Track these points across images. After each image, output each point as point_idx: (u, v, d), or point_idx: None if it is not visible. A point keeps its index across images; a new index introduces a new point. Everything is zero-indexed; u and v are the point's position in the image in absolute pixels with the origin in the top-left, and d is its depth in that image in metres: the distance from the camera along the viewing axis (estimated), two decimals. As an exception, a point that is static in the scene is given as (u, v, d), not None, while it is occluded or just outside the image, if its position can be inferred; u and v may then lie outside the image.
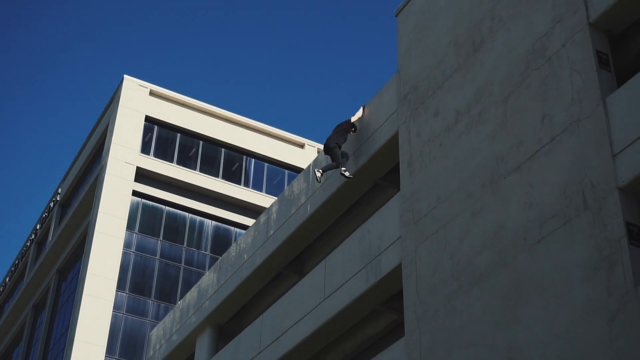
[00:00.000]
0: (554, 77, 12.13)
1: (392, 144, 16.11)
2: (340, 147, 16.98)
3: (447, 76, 14.71)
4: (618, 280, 10.03)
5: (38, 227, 64.68)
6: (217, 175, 54.32)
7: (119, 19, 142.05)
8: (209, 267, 40.28)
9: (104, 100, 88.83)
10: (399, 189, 15.61)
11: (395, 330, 15.76)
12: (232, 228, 53.93)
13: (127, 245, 50.84)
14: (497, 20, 13.82)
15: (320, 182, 17.10)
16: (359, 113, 17.50)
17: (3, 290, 72.93)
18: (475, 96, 13.74)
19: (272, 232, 20.12)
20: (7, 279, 72.17)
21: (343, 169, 16.60)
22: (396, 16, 17.20)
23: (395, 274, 14.61)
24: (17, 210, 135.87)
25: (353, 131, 17.43)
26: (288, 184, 22.54)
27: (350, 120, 17.46)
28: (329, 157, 17.14)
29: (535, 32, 12.83)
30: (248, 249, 21.16)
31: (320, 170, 16.88)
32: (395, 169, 16.33)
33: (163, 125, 54.14)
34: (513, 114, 12.73)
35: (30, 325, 62.12)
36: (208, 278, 23.14)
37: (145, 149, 52.95)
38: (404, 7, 16.94)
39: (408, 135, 15.32)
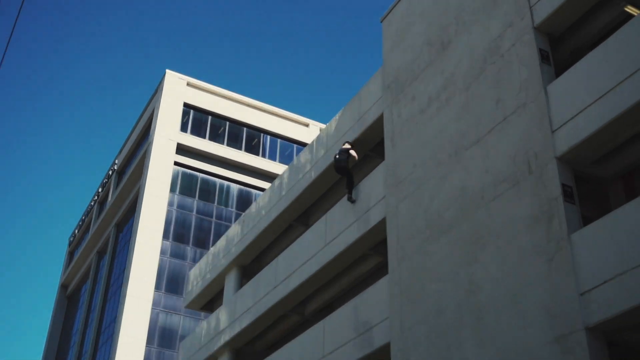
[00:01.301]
0: (506, 70, 12.11)
1: (378, 123, 16.10)
2: (348, 167, 16.19)
3: (421, 69, 14.67)
4: (555, 230, 10.08)
5: (100, 190, 64.79)
6: (240, 149, 54.38)
7: (161, 20, 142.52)
8: (234, 221, 40.36)
9: (150, 89, 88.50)
10: (383, 159, 15.62)
11: (381, 270, 15.83)
12: (252, 190, 54.07)
13: (170, 204, 50.98)
14: (461, 25, 13.77)
15: (353, 201, 16.11)
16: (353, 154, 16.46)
17: (73, 240, 73.24)
18: (444, 85, 13.71)
19: (283, 193, 20.16)
20: (75, 231, 72.43)
21: (349, 195, 16.16)
22: (381, 22, 17.12)
23: (381, 225, 14.66)
24: (82, 178, 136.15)
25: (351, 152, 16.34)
26: (296, 156, 22.51)
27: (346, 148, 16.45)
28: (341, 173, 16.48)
29: (491, 34, 12.78)
30: (265, 207, 21.21)
31: (351, 198, 16.15)
32: (381, 143, 16.33)
33: (198, 109, 54.19)
34: (473, 99, 12.72)
35: (95, 267, 62.44)
36: (234, 229, 23.20)
37: (183, 128, 52.98)
38: (387, 15, 16.87)
39: (391, 116, 15.31)
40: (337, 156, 16.31)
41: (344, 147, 16.39)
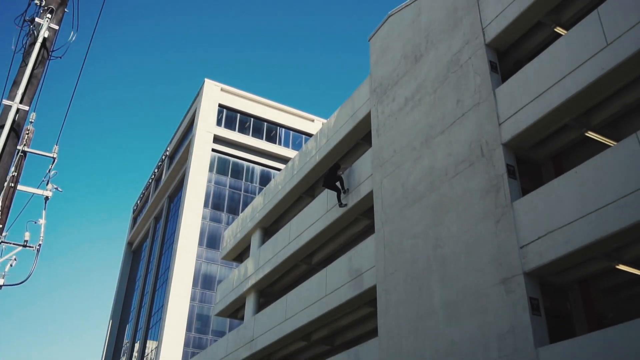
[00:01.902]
0: (464, 77, 12.05)
1: (367, 119, 16.06)
2: (337, 182, 15.43)
3: (399, 77, 14.59)
4: (501, 199, 10.09)
5: (155, 170, 64.85)
6: (262, 139, 54.30)
7: (199, 32, 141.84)
8: (258, 194, 40.46)
9: (192, 93, 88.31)
10: (371, 146, 15.60)
11: (369, 230, 15.89)
12: (271, 170, 54.11)
13: (209, 181, 51.03)
14: (430, 43, 13.67)
15: (343, 205, 15.40)
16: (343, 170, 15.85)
17: (136, 208, 73.44)
18: (417, 89, 13.65)
19: (295, 172, 20.17)
20: (137, 202, 72.61)
21: (339, 202, 15.40)
22: (369, 41, 16.98)
23: (369, 196, 14.69)
24: (143, 162, 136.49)
25: (340, 173, 15.68)
26: (304, 144, 22.48)
27: (337, 165, 15.79)
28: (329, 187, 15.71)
29: (452, 50, 12.70)
30: (281, 182, 21.23)
31: (341, 204, 15.42)
32: (369, 134, 16.30)
33: (229, 109, 54.08)
34: (439, 99, 12.67)
35: (153, 229, 62.66)
36: (257, 200, 23.26)
37: (219, 123, 52.89)
38: (373, 35, 16.72)
39: (377, 113, 15.26)
40: (327, 175, 15.58)
41: (333, 165, 15.70)
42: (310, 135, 55.30)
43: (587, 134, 10.17)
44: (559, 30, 11.15)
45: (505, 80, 11.36)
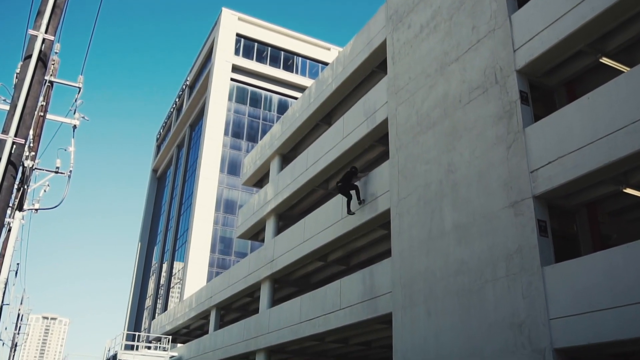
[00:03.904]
0: (480, 3, 11.69)
1: (382, 47, 15.76)
2: (351, 189, 14.58)
3: (415, 3, 14.18)
4: (513, 125, 10.04)
5: (176, 100, 64.77)
6: (279, 68, 53.64)
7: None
8: (276, 122, 40.39)
9: (211, 22, 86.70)
10: (386, 74, 15.39)
11: (383, 156, 15.94)
12: (288, 99, 53.77)
13: (228, 109, 50.96)
14: (446, -32, 13.17)
15: (355, 210, 14.74)
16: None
17: (159, 136, 73.91)
18: (432, 16, 13.30)
19: (312, 100, 20.06)
20: (160, 130, 72.97)
21: (348, 210, 14.65)
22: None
23: (384, 123, 14.65)
24: (162, 92, 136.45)
25: (356, 181, 14.90)
26: (321, 72, 22.20)
27: (354, 169, 14.77)
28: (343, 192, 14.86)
29: (469, -25, 12.25)
30: (298, 110, 21.17)
31: (350, 211, 14.67)
32: (384, 62, 16.04)
33: (247, 38, 53.19)
34: (455, 26, 12.36)
35: (176, 156, 63.29)
36: (276, 128, 23.29)
37: (237, 53, 52.20)
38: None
39: (392, 41, 14.96)
40: (339, 183, 14.70)
41: (350, 170, 14.77)
42: (326, 63, 54.47)
43: (601, 60, 9.94)
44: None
45: (522, 6, 11.00)
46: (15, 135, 6.61)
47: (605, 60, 9.94)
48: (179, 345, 34.14)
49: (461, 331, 10.14)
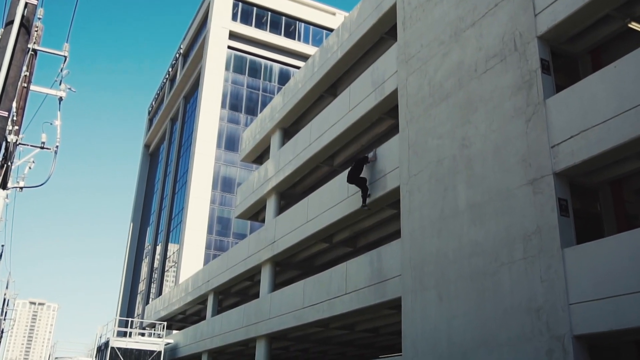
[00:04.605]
0: (498, -37, 11.54)
1: (392, 10, 15.61)
2: (362, 179, 14.46)
3: (428, -36, 14.01)
4: (533, 96, 9.99)
5: (169, 70, 64.56)
6: (280, 34, 53.32)
7: None
8: (277, 93, 40.32)
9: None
10: (396, 40, 15.28)
11: (392, 130, 15.90)
12: (290, 68, 53.55)
13: (225, 80, 50.84)
14: None
15: (365, 207, 14.54)
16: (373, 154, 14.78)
17: (151, 110, 73.87)
18: (447, -23, 13.14)
19: (316, 69, 19.97)
20: (153, 103, 72.91)
21: (363, 204, 14.45)
22: None
23: (393, 94, 14.59)
24: (154, 62, 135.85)
25: (367, 162, 14.75)
26: (325, 39, 22.05)
27: (365, 157, 14.72)
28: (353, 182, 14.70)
29: None
30: (301, 81, 21.09)
31: (366, 206, 14.49)
32: (394, 27, 15.91)
33: (245, 2, 52.84)
34: (471, -12, 12.22)
35: (170, 131, 63.34)
36: (277, 100, 23.23)
37: (234, 18, 51.90)
38: None
39: (403, 4, 14.82)
40: (352, 166, 14.64)
41: (359, 158, 14.76)
42: (331, 30, 54.05)
43: (629, 26, 9.85)
44: None
45: (544, -34, 10.85)
46: (-2, 108, 6.61)
47: (634, 26, 9.85)
48: (174, 331, 34.58)
49: (475, 317, 10.23)
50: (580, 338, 8.42)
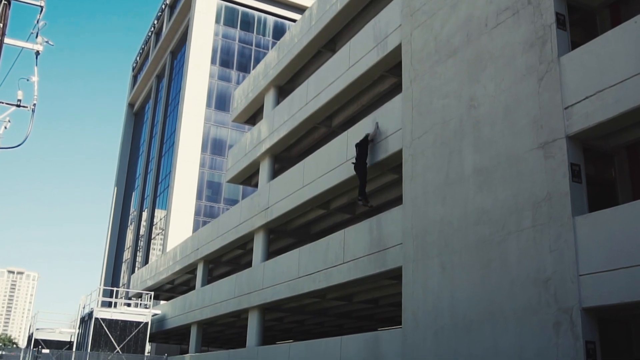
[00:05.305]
0: None
1: (396, -41, 15.39)
2: (364, 168, 14.34)
3: None
4: (547, 53, 9.93)
5: (155, 22, 63.80)
6: (275, -16, 52.72)
7: None
8: (271, 49, 39.98)
9: None
10: (400, -9, 15.09)
11: (395, 89, 15.84)
12: (286, 21, 52.98)
13: (215, 34, 50.34)
14: None
15: (361, 201, 14.59)
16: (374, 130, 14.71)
17: (135, 65, 73.21)
18: None
19: (313, 22, 19.77)
20: (137, 58, 72.23)
21: (360, 199, 14.50)
22: None
23: (397, 50, 14.48)
24: (138, 13, 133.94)
25: (371, 141, 14.56)
26: (324, -11, 21.74)
27: (366, 137, 14.56)
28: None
29: None
30: (297, 35, 20.90)
31: (365, 200, 14.54)
32: (398, -23, 15.70)
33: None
34: None
35: (155, 89, 62.92)
36: (271, 55, 23.06)
37: (225, -34, 51.19)
38: None
39: (408, -48, 14.60)
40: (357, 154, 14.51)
41: (361, 141, 14.59)
42: (330, -20, 53.45)
43: (653, -23, 9.74)
44: None
45: None
46: (-30, 61, 6.55)
47: (657, -23, 9.73)
48: (162, 302, 34.97)
49: (479, 288, 10.36)
50: (590, 311, 8.55)
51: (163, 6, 60.89)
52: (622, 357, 9.34)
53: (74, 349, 29.26)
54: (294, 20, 51.43)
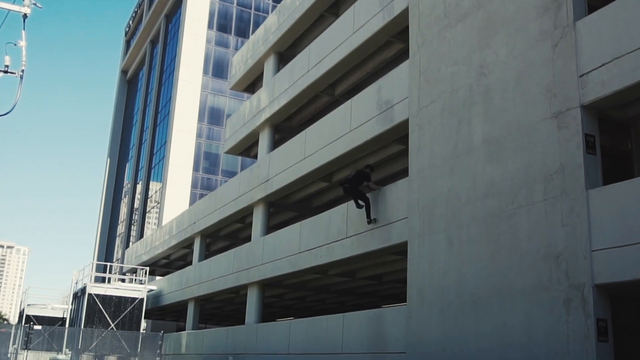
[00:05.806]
0: None
1: None
2: (361, 199, 14.05)
3: None
4: (562, 17, 9.87)
5: (149, -17, 63.28)
6: (275, -56, 52.15)
7: None
8: (271, 12, 39.64)
9: None
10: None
11: (402, 55, 15.76)
12: (287, -17, 52.58)
13: (213, -4, 49.99)
14: None
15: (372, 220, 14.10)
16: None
17: (128, 30, 72.72)
18: None
19: (316, -15, 19.63)
20: (130, 22, 71.74)
21: (368, 220, 14.07)
22: None
23: (404, 14, 14.38)
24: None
25: (368, 182, 14.22)
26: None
27: (368, 174, 14.22)
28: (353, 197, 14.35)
29: None
30: (299, -2, 20.75)
31: (371, 220, 14.04)
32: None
33: None
34: None
35: (150, 54, 62.60)
36: (271, 19, 22.90)
37: None
38: None
39: None
40: (351, 175, 14.30)
41: (363, 170, 14.29)
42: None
43: (676, -64, 9.61)
44: None
45: None
46: (-46, 24, 6.53)
47: (681, -64, 9.61)
48: (157, 277, 35.23)
49: (488, 263, 10.43)
50: (602, 287, 8.62)
51: (157, -34, 60.35)
52: (634, 336, 9.43)
53: (66, 326, 29.57)
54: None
